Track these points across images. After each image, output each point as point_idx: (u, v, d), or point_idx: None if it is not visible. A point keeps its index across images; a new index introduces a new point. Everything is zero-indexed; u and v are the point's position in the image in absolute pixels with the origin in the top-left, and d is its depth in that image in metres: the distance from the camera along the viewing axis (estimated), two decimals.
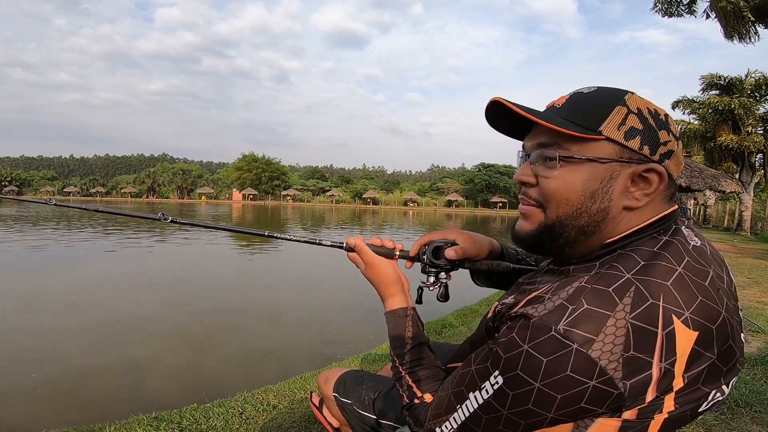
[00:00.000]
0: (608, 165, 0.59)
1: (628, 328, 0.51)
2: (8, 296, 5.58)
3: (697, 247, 0.61)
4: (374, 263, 0.88)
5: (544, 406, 0.53)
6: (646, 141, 0.59)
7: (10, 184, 73.11)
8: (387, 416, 0.96)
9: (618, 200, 0.60)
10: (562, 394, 0.52)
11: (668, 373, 0.52)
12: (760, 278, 5.98)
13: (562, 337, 0.51)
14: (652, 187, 0.60)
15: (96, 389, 2.98)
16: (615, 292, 0.53)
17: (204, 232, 15.17)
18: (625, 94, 0.61)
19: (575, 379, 0.51)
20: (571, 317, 0.52)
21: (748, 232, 16.90)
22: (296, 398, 2.31)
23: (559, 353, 0.51)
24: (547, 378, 0.52)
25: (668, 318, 0.52)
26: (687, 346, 0.52)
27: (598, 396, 0.51)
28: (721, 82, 17.44)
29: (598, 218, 0.60)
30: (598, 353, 0.50)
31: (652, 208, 0.61)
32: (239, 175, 65.94)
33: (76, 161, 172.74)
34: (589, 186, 0.60)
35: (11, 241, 11.20)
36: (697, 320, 0.53)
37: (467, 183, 62.68)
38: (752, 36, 10.67)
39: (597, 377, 0.51)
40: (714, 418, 1.95)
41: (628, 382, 0.51)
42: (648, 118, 0.60)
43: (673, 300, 0.52)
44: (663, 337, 0.51)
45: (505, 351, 0.55)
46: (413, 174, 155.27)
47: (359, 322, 4.70)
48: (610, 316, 0.51)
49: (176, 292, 6.07)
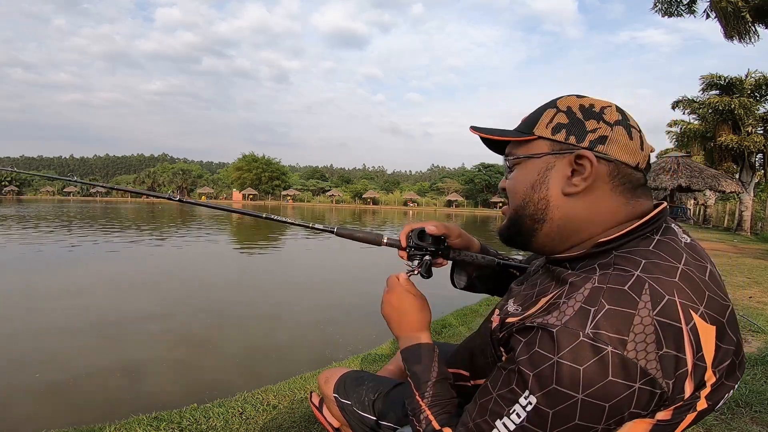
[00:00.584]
0: (543, 159, 0.66)
1: (656, 326, 0.50)
2: (8, 296, 5.58)
3: (689, 244, 0.62)
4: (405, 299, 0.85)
5: (593, 419, 0.51)
6: (571, 132, 0.64)
7: (10, 184, 73.06)
8: (387, 417, 0.96)
9: (556, 187, 0.65)
10: (610, 402, 0.50)
11: (699, 368, 0.52)
12: (760, 278, 5.97)
13: (593, 341, 0.50)
14: (585, 171, 0.62)
15: (96, 389, 2.97)
16: (632, 290, 0.52)
17: (205, 233, 15.17)
18: (559, 99, 0.69)
19: (620, 384, 0.49)
20: (596, 319, 0.51)
21: (748, 232, 16.88)
22: (296, 398, 2.30)
23: (595, 359, 0.49)
24: (590, 388, 0.49)
25: (688, 313, 0.52)
26: (710, 340, 0.53)
27: (646, 398, 0.50)
28: (721, 82, 17.43)
29: (541, 206, 0.66)
30: (633, 353, 0.49)
31: (610, 196, 0.63)
32: (239, 175, 65.91)
33: (76, 161, 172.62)
34: (530, 178, 0.67)
35: (12, 241, 11.20)
36: (712, 315, 0.54)
37: (467, 183, 62.67)
38: (752, 36, 10.68)
39: (641, 379, 0.49)
40: (714, 418, 1.95)
41: (671, 381, 0.51)
42: (576, 113, 0.65)
43: (686, 296, 0.53)
44: (689, 333, 0.51)
45: (533, 367, 0.53)
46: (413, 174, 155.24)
47: (359, 322, 4.70)
48: (635, 315, 0.51)
49: (176, 292, 6.07)
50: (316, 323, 4.70)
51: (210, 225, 19.20)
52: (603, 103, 0.67)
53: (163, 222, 20.57)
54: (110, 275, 7.26)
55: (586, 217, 0.64)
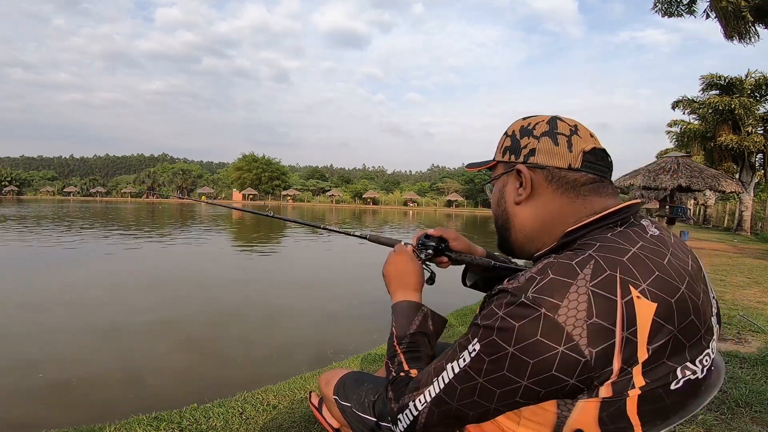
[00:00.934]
0: (501, 178, 0.78)
1: (589, 296, 0.55)
2: (8, 296, 5.58)
3: (656, 236, 0.66)
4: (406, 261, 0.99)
5: (518, 372, 0.56)
6: (512, 151, 0.76)
7: (10, 184, 73.09)
8: (386, 418, 0.96)
9: (510, 199, 0.76)
10: (534, 360, 0.55)
11: (630, 342, 0.55)
12: (760, 278, 5.98)
13: (531, 302, 0.56)
14: (525, 181, 0.72)
15: (96, 389, 2.98)
16: (577, 264, 0.58)
17: (205, 233, 15.18)
18: (510, 125, 0.79)
19: (545, 344, 0.55)
20: (539, 285, 0.58)
21: (748, 232, 16.89)
22: (296, 398, 2.31)
23: (529, 318, 0.56)
24: (520, 343, 0.56)
25: (626, 287, 0.56)
26: (647, 316, 0.55)
27: (567, 363, 0.54)
28: (721, 82, 17.44)
29: (504, 216, 0.77)
30: (563, 318, 0.54)
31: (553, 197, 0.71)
32: (239, 175, 65.92)
33: (76, 161, 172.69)
34: (496, 196, 0.80)
35: (12, 241, 11.21)
36: (655, 292, 0.57)
37: (467, 183, 62.63)
38: (752, 36, 10.67)
39: (565, 343, 0.54)
40: (714, 418, 1.95)
41: (594, 350, 0.54)
42: (516, 134, 0.76)
43: (629, 272, 0.57)
44: (623, 306, 0.55)
45: (483, 320, 0.61)
46: (413, 174, 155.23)
47: (360, 322, 4.70)
48: (573, 284, 0.56)
49: (177, 292, 6.07)
50: (316, 323, 4.70)
51: (210, 225, 19.21)
52: (539, 119, 0.75)
53: (163, 222, 20.57)
54: (110, 275, 7.26)
55: (539, 219, 0.73)
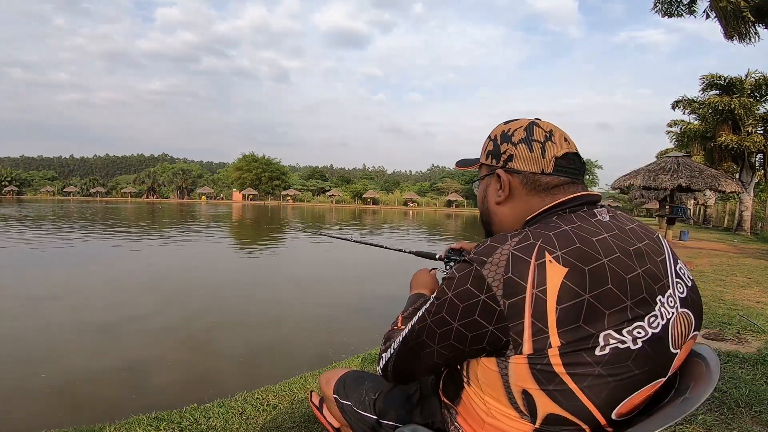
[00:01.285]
0: (485, 179, 0.87)
1: (509, 256, 0.65)
2: (8, 296, 5.59)
3: (602, 221, 0.73)
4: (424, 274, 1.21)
5: (451, 314, 0.68)
6: (493, 156, 0.83)
7: (10, 184, 73.08)
8: (387, 416, 0.97)
9: (491, 199, 0.84)
10: (462, 304, 0.67)
11: (540, 300, 0.62)
12: (760, 278, 5.97)
13: (468, 260, 0.69)
14: (503, 183, 0.80)
15: (96, 389, 2.98)
16: (510, 236, 0.69)
17: (205, 233, 15.18)
18: (493, 129, 0.86)
19: (471, 292, 0.66)
20: (479, 249, 0.69)
21: (748, 232, 16.89)
22: (296, 398, 2.31)
23: (465, 271, 0.68)
24: (455, 289, 0.68)
25: (541, 252, 0.65)
26: (557, 278, 0.63)
27: (486, 310, 0.65)
28: (721, 82, 17.43)
29: (487, 213, 0.87)
30: (486, 272, 0.65)
31: (523, 197, 0.79)
32: (239, 175, 65.88)
33: (76, 161, 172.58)
34: (480, 194, 0.88)
35: (13, 241, 11.21)
36: (568, 259, 0.64)
37: (467, 183, 62.55)
38: (752, 36, 10.67)
39: (485, 292, 0.65)
40: (714, 418, 1.95)
41: (507, 301, 0.63)
42: (497, 139, 0.83)
43: (548, 241, 0.66)
44: (535, 267, 0.64)
45: (442, 280, 0.73)
46: (413, 174, 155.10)
47: (360, 322, 4.70)
48: (500, 247, 0.67)
49: (177, 292, 6.07)
50: (317, 323, 4.70)
51: (210, 225, 19.21)
52: (518, 124, 0.82)
53: (163, 222, 20.57)
54: (110, 275, 7.27)
55: (515, 216, 0.81)
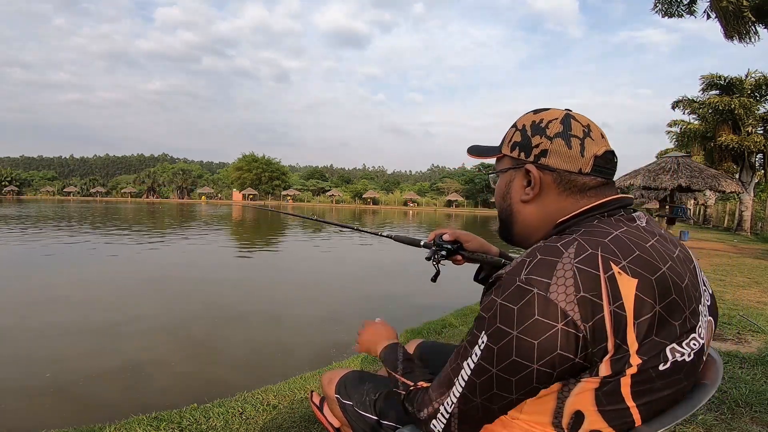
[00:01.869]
0: (508, 173, 0.78)
1: (575, 272, 0.58)
2: (8, 296, 5.58)
3: (642, 225, 0.69)
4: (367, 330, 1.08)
5: (526, 356, 0.58)
6: (522, 149, 0.75)
7: (10, 184, 73.07)
8: (388, 416, 0.97)
9: (516, 196, 0.77)
10: (538, 340, 0.57)
11: (619, 316, 0.57)
12: (760, 278, 5.97)
13: (525, 284, 0.59)
14: (534, 181, 0.73)
15: (96, 389, 2.98)
16: (562, 246, 0.62)
17: (205, 233, 15.18)
18: (520, 118, 0.78)
19: (544, 323, 0.57)
20: (529, 267, 0.61)
21: (748, 232, 16.89)
22: (296, 398, 2.31)
23: (525, 299, 0.58)
24: (522, 324, 0.58)
25: (607, 264, 0.59)
26: (630, 291, 0.58)
27: (568, 339, 0.57)
28: (721, 82, 17.43)
29: (508, 211, 0.79)
30: (555, 295, 0.57)
31: (555, 197, 0.73)
32: (239, 175, 65.89)
33: (76, 161, 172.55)
34: (501, 189, 0.80)
35: (14, 241, 11.20)
36: (634, 269, 0.60)
37: (467, 183, 62.60)
38: (752, 36, 10.66)
39: (561, 319, 0.57)
40: (714, 418, 1.95)
41: (588, 324, 0.56)
42: (527, 130, 0.75)
43: (609, 251, 0.61)
44: (606, 280, 0.58)
45: (486, 311, 0.63)
46: (413, 174, 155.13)
47: (360, 322, 4.69)
48: (559, 261, 0.60)
49: (176, 292, 6.07)
50: (317, 323, 4.70)
51: (210, 225, 19.21)
52: (552, 115, 0.74)
53: (163, 222, 20.57)
54: (110, 275, 7.26)
55: (542, 217, 0.74)
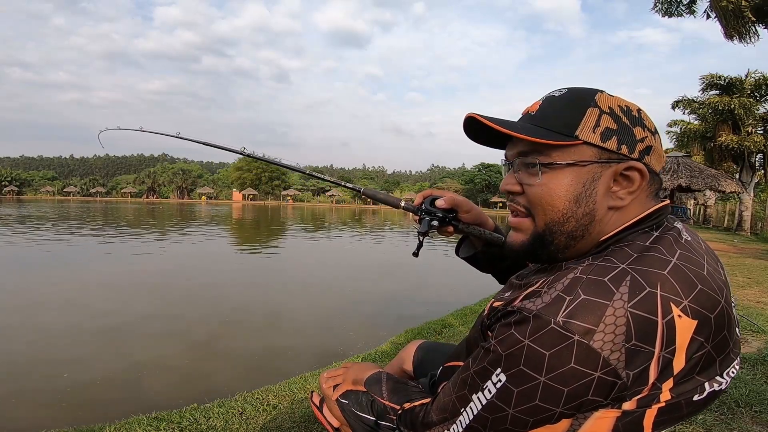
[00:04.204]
0: (589, 167, 0.60)
1: (628, 318, 0.50)
2: (8, 296, 5.58)
3: (690, 241, 0.61)
4: (349, 372, 1.01)
5: (552, 401, 0.53)
6: (623, 140, 0.59)
7: (10, 184, 73.08)
8: (385, 417, 0.96)
9: (602, 201, 0.60)
10: (568, 388, 0.52)
11: (667, 361, 0.52)
12: (760, 278, 5.98)
13: (562, 329, 0.51)
14: (634, 185, 0.60)
15: (96, 389, 2.97)
16: (611, 282, 0.52)
17: (204, 231, 15.18)
18: (595, 94, 0.62)
19: (580, 371, 0.51)
20: (569, 308, 0.52)
21: (748, 232, 16.88)
22: (296, 398, 2.31)
23: (561, 346, 0.51)
24: (552, 372, 0.51)
25: (667, 306, 0.51)
26: (686, 334, 0.52)
27: (604, 386, 0.51)
28: (721, 82, 17.42)
29: (585, 221, 0.61)
30: (600, 344, 0.50)
31: (639, 205, 0.62)
32: (239, 175, 65.99)
33: (76, 161, 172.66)
34: (573, 190, 0.60)
35: (14, 241, 11.21)
36: (696, 309, 0.53)
37: (467, 183, 62.68)
38: (752, 36, 10.67)
39: (601, 368, 0.50)
40: (714, 418, 1.95)
41: (631, 372, 0.51)
42: (621, 116, 0.60)
43: (670, 288, 0.52)
44: (663, 326, 0.51)
45: (506, 348, 0.55)
46: (413, 174, 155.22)
47: (360, 322, 4.70)
48: (609, 305, 0.51)
49: (177, 292, 6.07)
50: (316, 323, 4.70)
51: (210, 225, 19.21)
52: (631, 103, 0.63)
53: (163, 222, 20.57)
54: (110, 275, 7.26)
55: (614, 228, 0.61)
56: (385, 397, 0.80)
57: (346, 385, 0.97)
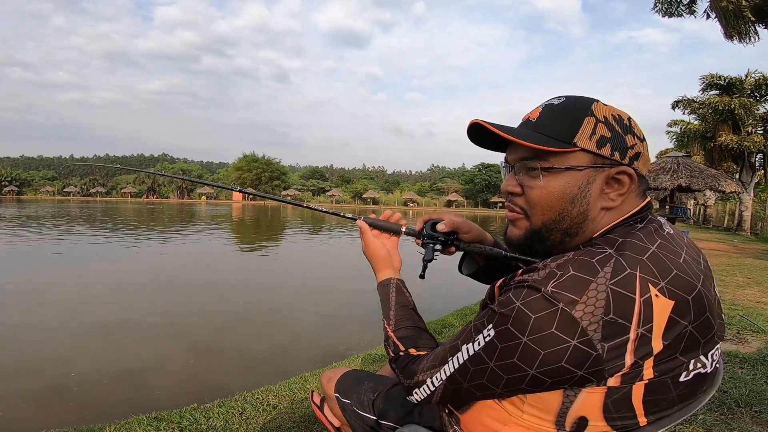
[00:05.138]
0: (585, 172, 0.66)
1: (608, 293, 0.55)
2: (8, 296, 5.58)
3: (671, 234, 0.67)
4: (370, 244, 0.98)
5: (527, 361, 0.58)
6: (616, 147, 0.66)
7: (10, 184, 73.07)
8: (387, 416, 0.96)
9: (595, 202, 0.67)
10: (545, 351, 0.56)
11: (645, 338, 0.56)
12: (760, 278, 5.98)
13: (550, 297, 0.56)
14: (624, 187, 0.66)
15: (96, 389, 2.98)
16: (598, 262, 0.58)
17: (205, 231, 15.18)
18: (592, 104, 0.68)
19: (558, 337, 0.55)
20: (559, 281, 0.57)
21: (748, 232, 16.88)
22: (296, 398, 2.31)
23: (546, 311, 0.56)
24: (534, 334, 0.57)
25: (645, 286, 0.56)
26: (664, 313, 0.56)
27: (578, 356, 0.56)
28: (721, 82, 17.44)
29: (579, 220, 0.67)
30: (580, 314, 0.55)
31: (627, 204, 0.68)
32: (239, 175, 65.99)
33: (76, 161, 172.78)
34: (569, 192, 0.66)
35: (16, 241, 11.21)
36: (673, 290, 0.58)
37: (467, 183, 62.73)
38: (752, 36, 10.67)
39: (578, 337, 0.55)
40: (714, 418, 1.95)
41: (606, 345, 0.55)
42: (614, 125, 0.66)
43: (648, 271, 0.58)
44: (641, 304, 0.55)
45: (500, 307, 0.61)
46: (413, 174, 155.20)
47: (360, 322, 4.70)
48: (593, 281, 0.56)
49: (177, 292, 6.07)
50: (316, 323, 4.70)
51: (210, 225, 19.21)
52: (622, 112, 0.69)
53: (163, 222, 20.57)
54: (110, 275, 7.26)
55: (605, 226, 0.67)
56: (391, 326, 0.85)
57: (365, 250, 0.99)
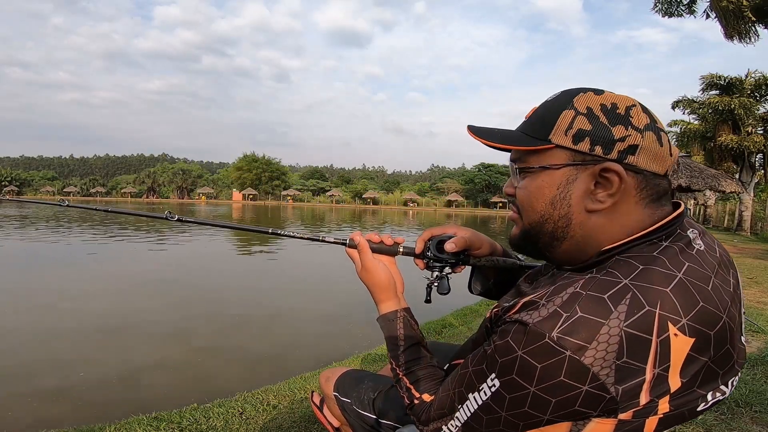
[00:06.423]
0: (562, 171, 0.60)
1: (622, 336, 0.51)
2: (8, 296, 5.58)
3: (701, 251, 0.59)
4: (369, 267, 0.86)
5: (540, 409, 0.55)
6: (597, 141, 0.58)
7: (10, 184, 73.09)
8: (387, 416, 0.96)
9: (579, 204, 0.60)
10: (556, 398, 0.53)
11: (661, 377, 0.52)
12: (760, 278, 5.98)
13: (556, 344, 0.52)
14: (613, 186, 0.58)
15: (96, 389, 2.98)
16: (610, 299, 0.52)
17: (205, 231, 15.17)
18: (575, 95, 0.61)
19: (568, 384, 0.52)
20: (565, 325, 0.52)
21: (748, 232, 16.89)
22: (296, 398, 2.31)
23: (552, 360, 0.52)
24: (542, 383, 0.53)
25: (664, 325, 0.51)
26: (682, 351, 0.52)
27: (591, 399, 0.52)
28: (721, 82, 17.43)
29: (561, 224, 0.62)
30: (590, 360, 0.51)
31: (638, 210, 0.60)
32: (239, 175, 65.94)
33: (76, 161, 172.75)
34: (547, 193, 0.61)
35: (16, 242, 11.20)
36: (695, 326, 0.52)
37: (467, 183, 62.69)
38: (752, 36, 10.67)
39: (589, 383, 0.51)
40: (714, 418, 1.95)
41: (621, 387, 0.52)
42: (599, 116, 0.58)
43: (671, 307, 0.52)
44: (657, 344, 0.51)
45: (501, 355, 0.56)
46: (413, 174, 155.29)
47: (359, 322, 4.70)
48: (604, 324, 0.51)
49: (177, 292, 6.07)
50: (316, 323, 4.70)
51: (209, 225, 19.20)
52: (626, 101, 0.60)
53: (163, 222, 20.54)
54: (110, 276, 7.27)
55: (609, 233, 0.60)
56: (402, 370, 0.80)
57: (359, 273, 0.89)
